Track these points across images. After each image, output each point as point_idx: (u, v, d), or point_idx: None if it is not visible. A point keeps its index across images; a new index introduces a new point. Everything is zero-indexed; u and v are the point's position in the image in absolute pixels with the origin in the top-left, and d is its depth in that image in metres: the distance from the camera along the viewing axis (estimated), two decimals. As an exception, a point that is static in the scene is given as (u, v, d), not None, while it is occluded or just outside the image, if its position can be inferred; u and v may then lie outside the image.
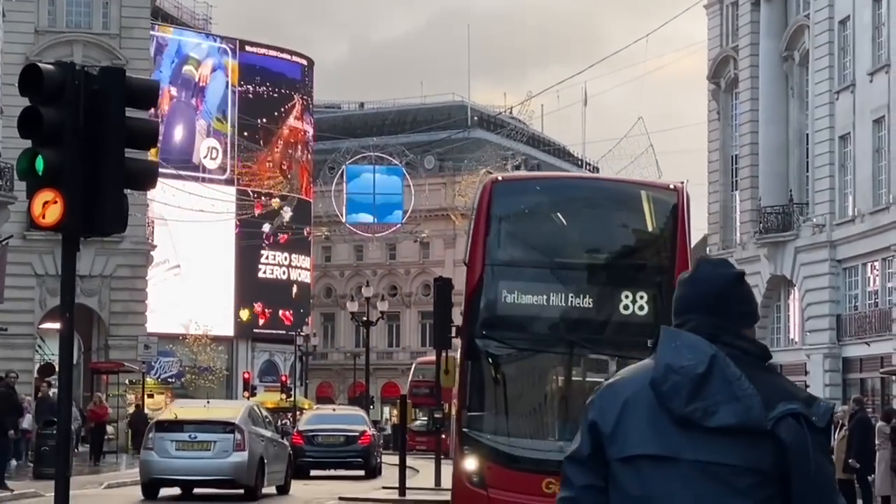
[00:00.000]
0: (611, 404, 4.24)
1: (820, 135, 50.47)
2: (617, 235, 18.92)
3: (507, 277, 17.76)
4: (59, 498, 12.73)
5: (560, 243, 18.70)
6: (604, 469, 4.23)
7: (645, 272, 18.00)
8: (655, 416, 4.13)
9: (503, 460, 17.30)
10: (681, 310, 4.38)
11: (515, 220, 18.72)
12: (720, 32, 59.75)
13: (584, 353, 17.74)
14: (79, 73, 12.42)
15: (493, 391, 17.79)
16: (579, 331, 17.47)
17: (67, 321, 12.79)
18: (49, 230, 12.60)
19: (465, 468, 17.36)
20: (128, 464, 44.10)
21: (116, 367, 53.98)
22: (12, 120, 14.10)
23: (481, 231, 17.79)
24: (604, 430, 4.22)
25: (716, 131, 59.90)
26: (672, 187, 18.43)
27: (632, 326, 17.23)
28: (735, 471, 4.05)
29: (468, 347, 17.58)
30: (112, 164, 12.34)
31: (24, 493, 27.23)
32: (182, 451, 26.90)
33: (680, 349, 4.20)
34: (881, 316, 46.01)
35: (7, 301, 44.09)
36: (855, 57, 48.52)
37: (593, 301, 17.63)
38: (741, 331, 4.32)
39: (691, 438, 4.08)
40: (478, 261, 17.73)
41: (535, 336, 17.80)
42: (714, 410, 4.05)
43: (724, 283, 4.34)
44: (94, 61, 49.44)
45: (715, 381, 4.09)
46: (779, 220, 52.72)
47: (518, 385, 18.16)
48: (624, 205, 19.06)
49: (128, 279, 56.65)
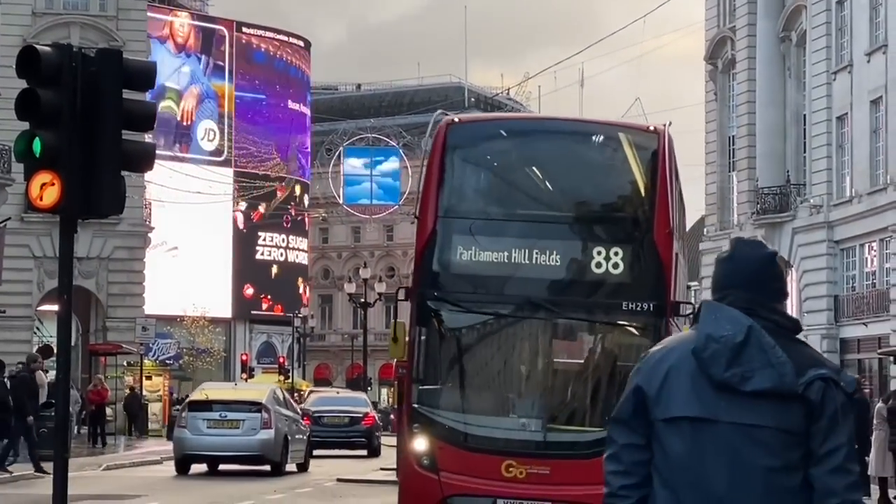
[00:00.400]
0: (656, 371, 4.68)
1: (817, 115, 50.44)
2: (589, 184, 16.92)
3: (462, 231, 15.89)
4: (57, 479, 12.76)
5: (524, 193, 16.91)
6: (645, 429, 4.66)
7: (620, 226, 16.10)
8: (696, 381, 4.59)
9: (457, 440, 15.53)
10: (720, 285, 4.78)
11: (473, 167, 16.86)
12: (717, 13, 59.69)
13: (551, 318, 15.81)
14: (76, 55, 12.42)
15: (447, 361, 15.97)
16: (545, 292, 15.65)
17: (66, 303, 12.80)
18: (47, 212, 12.63)
19: (413, 449, 15.52)
20: (125, 446, 44.19)
21: (114, 349, 54.03)
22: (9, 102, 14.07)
23: (434, 179, 15.93)
24: (648, 394, 4.66)
25: (713, 112, 59.87)
26: (652, 129, 16.44)
27: (605, 287, 15.63)
28: (768, 432, 4.51)
29: (418, 311, 15.67)
30: (109, 145, 12.35)
31: (22, 475, 27.28)
32: (213, 429, 29.23)
33: (720, 320, 4.63)
34: (879, 297, 46.04)
35: (5, 283, 44.11)
36: (852, 37, 48.49)
37: (562, 258, 15.74)
38: (775, 305, 4.73)
39: (729, 402, 4.53)
40: (430, 212, 15.85)
41: (494, 298, 15.81)
42: (750, 376, 4.52)
43: (760, 262, 4.77)
44: (92, 43, 49.35)
45: (751, 349, 4.55)
46: (776, 201, 52.72)
47: (475, 354, 16.28)
48: (597, 149, 17.18)
49: (125, 261, 56.63)
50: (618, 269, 15.50)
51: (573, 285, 15.88)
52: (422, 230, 15.88)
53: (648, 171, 16.16)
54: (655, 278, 15.50)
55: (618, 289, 15.57)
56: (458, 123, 16.75)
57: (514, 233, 15.93)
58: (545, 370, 16.10)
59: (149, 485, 27.02)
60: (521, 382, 16.30)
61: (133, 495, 24.35)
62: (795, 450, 4.56)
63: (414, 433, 15.54)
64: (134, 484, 27.02)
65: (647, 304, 15.27)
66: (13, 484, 26.38)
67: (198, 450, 29.60)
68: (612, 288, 15.60)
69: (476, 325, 16.18)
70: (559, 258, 15.71)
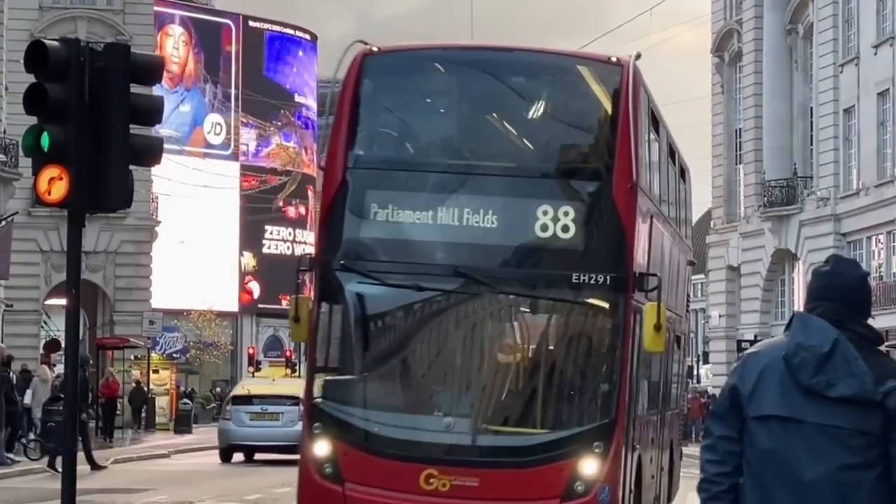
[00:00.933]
0: (751, 372, 5.22)
1: (824, 108, 50.40)
2: (534, 128, 14.22)
3: (378, 185, 13.24)
4: (66, 473, 12.79)
5: (455, 139, 14.01)
6: (738, 423, 5.20)
7: (572, 179, 13.29)
8: (786, 384, 5.12)
9: (367, 443, 12.79)
10: (815, 296, 5.29)
11: (394, 107, 14.14)
12: (724, 5, 59.60)
13: (485, 293, 12.95)
14: (84, 49, 12.42)
15: (356, 346, 13.25)
16: (478, 261, 12.88)
17: (74, 297, 12.82)
18: (54, 206, 12.63)
19: (313, 454, 12.79)
20: (132, 440, 44.24)
21: (121, 342, 54.04)
22: (17, 96, 14.11)
23: (345, 121, 13.20)
24: (743, 393, 5.20)
25: (719, 105, 59.80)
26: (615, 61, 13.41)
27: (553, 255, 12.92)
28: (849, 433, 5.05)
29: (322, 284, 12.99)
30: (117, 139, 12.36)
31: (31, 468, 27.34)
32: (255, 421, 32.14)
33: (810, 330, 5.14)
34: (886, 289, 46.02)
35: (13, 277, 44.17)
36: (859, 29, 48.43)
37: (499, 219, 12.87)
38: (862, 319, 5.26)
39: (814, 404, 5.07)
40: (338, 162, 13.12)
41: (414, 268, 12.90)
42: (834, 383, 5.04)
43: (858, 280, 5.31)
44: (98, 37, 49.40)
45: (836, 359, 5.06)
46: (783, 194, 52.68)
47: (391, 337, 13.43)
48: (545, 85, 14.34)
49: (132, 255, 56.72)
50: (568, 233, 12.78)
51: (513, 253, 13.16)
52: (328, 184, 13.22)
53: (608, 112, 13.44)
54: (614, 244, 12.88)
55: (568, 257, 12.84)
56: (376, 54, 13.64)
57: (441, 188, 13.10)
58: (476, 358, 13.20)
59: (156, 478, 27.08)
60: (446, 373, 13.36)
61: (141, 489, 24.39)
62: (873, 449, 5.10)
63: (314, 435, 12.84)
64: (141, 478, 27.08)
65: (602, 275, 12.59)
66: (21, 477, 26.43)
67: (241, 440, 32.50)
68: (560, 256, 12.87)
69: (392, 302, 13.28)
70: (496, 219, 12.87)
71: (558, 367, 13.19)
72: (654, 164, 15.28)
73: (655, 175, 15.43)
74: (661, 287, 12.96)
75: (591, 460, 12.51)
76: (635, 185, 12.90)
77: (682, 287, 20.32)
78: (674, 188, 18.22)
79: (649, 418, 15.91)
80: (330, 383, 13.10)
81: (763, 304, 54.50)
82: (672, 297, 17.44)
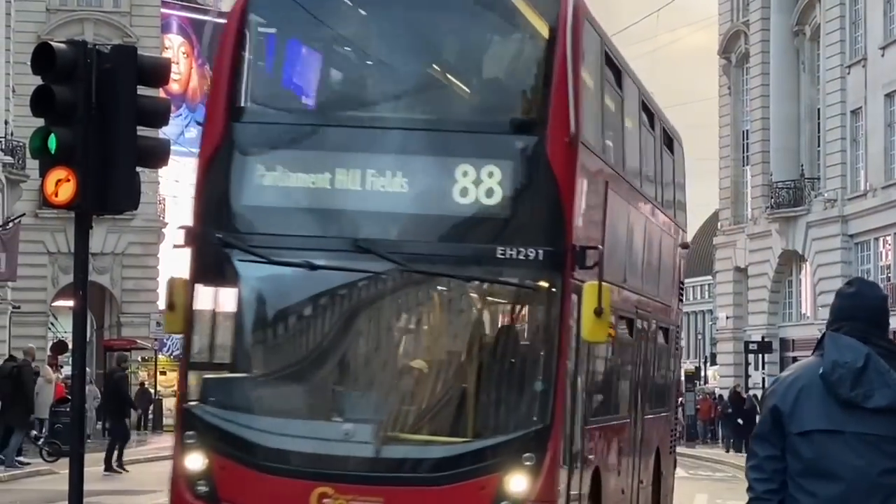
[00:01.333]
0: (789, 392, 5.63)
1: (831, 109, 50.34)
2: (452, 71, 11.91)
3: (263, 142, 11.23)
4: (73, 475, 12.80)
5: (355, 87, 12.01)
6: (780, 442, 5.60)
7: (498, 133, 11.06)
8: (825, 400, 5.54)
9: (248, 456, 10.70)
10: (840, 317, 5.72)
11: (283, 50, 12.19)
12: (731, 7, 59.57)
13: (392, 272, 10.81)
14: (91, 51, 12.44)
15: (237, 338, 11.23)
16: (384, 233, 10.81)
17: (81, 299, 12.85)
18: (62, 208, 12.65)
19: (185, 468, 10.92)
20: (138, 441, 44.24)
21: (129, 344, 54.11)
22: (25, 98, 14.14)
23: (225, 69, 11.26)
24: (784, 412, 5.61)
25: (727, 106, 59.76)
26: None
27: (474, 224, 10.87)
28: (886, 440, 5.51)
29: (197, 262, 11.06)
30: (124, 142, 12.38)
31: (38, 470, 27.35)
32: None
33: (842, 349, 5.57)
34: (893, 291, 45.87)
35: (20, 279, 44.19)
36: (866, 31, 48.37)
37: (409, 183, 10.86)
38: (883, 335, 5.69)
39: (853, 416, 5.51)
40: (217, 117, 11.27)
41: (307, 242, 10.87)
42: (871, 395, 5.50)
43: (880, 300, 5.80)
44: (105, 39, 49.56)
45: (870, 372, 5.51)
46: (790, 195, 52.62)
47: (279, 327, 11.36)
48: (464, 19, 11.91)
49: (140, 256, 56.79)
50: (492, 198, 10.74)
51: (426, 222, 11.01)
52: (206, 141, 11.34)
53: (542, 51, 11.26)
54: (548, 211, 10.82)
55: (492, 227, 10.82)
56: None
57: (339, 145, 11.08)
58: (382, 351, 11.30)
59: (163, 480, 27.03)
60: (345, 370, 11.21)
61: (148, 490, 24.38)
62: None
63: (186, 445, 10.95)
64: (149, 480, 27.07)
65: (534, 249, 10.58)
66: (29, 479, 26.45)
67: None
68: (484, 226, 10.86)
69: (279, 283, 11.20)
70: (406, 182, 10.87)
71: (480, 362, 11.04)
72: (614, 122, 13.38)
73: (616, 134, 13.45)
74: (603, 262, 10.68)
75: (520, 475, 10.41)
76: (574, 139, 10.82)
77: (672, 272, 17.81)
78: (651, 156, 15.96)
79: (613, 423, 13.78)
80: (206, 383, 11.12)
81: (770, 306, 54.42)
82: (656, 284, 15.95)
